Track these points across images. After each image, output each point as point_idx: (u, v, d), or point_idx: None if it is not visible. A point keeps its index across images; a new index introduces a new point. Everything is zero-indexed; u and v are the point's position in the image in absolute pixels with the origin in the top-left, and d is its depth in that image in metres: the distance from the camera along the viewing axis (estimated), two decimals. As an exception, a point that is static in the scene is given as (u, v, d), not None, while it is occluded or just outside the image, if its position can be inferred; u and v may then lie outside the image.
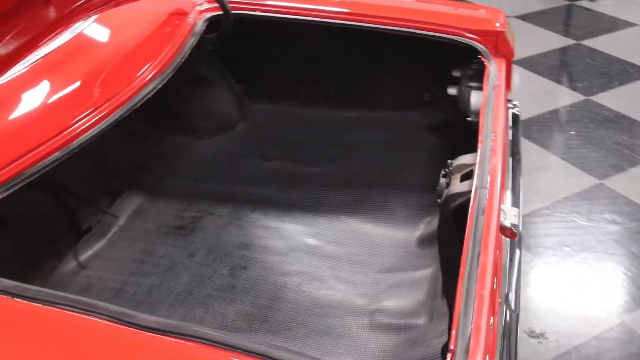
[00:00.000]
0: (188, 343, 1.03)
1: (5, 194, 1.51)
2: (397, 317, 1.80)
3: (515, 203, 1.78)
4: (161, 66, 2.03)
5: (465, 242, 1.29)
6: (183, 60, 2.07)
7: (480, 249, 1.28)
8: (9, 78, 1.87)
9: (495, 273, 1.33)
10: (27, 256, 2.01)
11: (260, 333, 1.80)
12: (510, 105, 2.30)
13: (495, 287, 1.26)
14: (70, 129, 1.73)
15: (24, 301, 1.15)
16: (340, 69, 2.62)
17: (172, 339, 1.03)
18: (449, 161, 1.65)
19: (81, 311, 1.10)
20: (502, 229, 1.46)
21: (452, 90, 2.30)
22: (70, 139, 1.71)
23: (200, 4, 2.29)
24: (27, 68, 1.90)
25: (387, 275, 1.97)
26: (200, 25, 2.21)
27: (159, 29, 2.19)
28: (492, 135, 1.67)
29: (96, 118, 1.78)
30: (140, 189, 2.40)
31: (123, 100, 1.89)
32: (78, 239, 2.15)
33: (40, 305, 1.13)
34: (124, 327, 1.06)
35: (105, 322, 1.07)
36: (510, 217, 1.51)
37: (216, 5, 2.24)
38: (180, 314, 1.87)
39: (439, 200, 1.63)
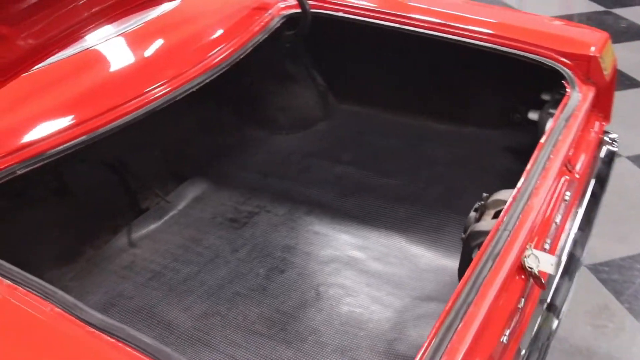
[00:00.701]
0: (119, 344, 1.02)
1: (75, 149, 1.64)
2: (414, 349, 1.68)
3: (575, 251, 1.59)
4: (228, 53, 2.05)
5: (458, 287, 1.17)
6: (247, 52, 2.09)
7: (474, 298, 1.15)
8: (94, 46, 1.99)
9: (498, 329, 1.19)
10: (85, 226, 2.11)
11: (274, 341, 1.77)
12: (607, 139, 2.07)
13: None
14: (132, 101, 1.82)
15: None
16: (426, 78, 2.49)
17: (106, 338, 1.03)
18: (485, 194, 1.50)
19: (40, 295, 1.12)
20: (529, 275, 1.30)
21: (533, 115, 2.11)
22: (131, 110, 1.79)
23: (283, 1, 2.28)
24: (106, 40, 2.02)
25: (421, 304, 1.85)
26: (276, 21, 2.20)
27: (236, 19, 2.20)
28: (543, 171, 1.50)
29: (160, 93, 1.87)
30: (208, 176, 2.44)
31: (187, 79, 1.95)
32: (135, 217, 2.23)
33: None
34: (69, 317, 1.07)
35: (55, 309, 1.08)
36: (544, 264, 1.35)
37: (296, 3, 2.22)
38: (204, 307, 1.88)
39: (462, 236, 1.49)
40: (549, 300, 1.45)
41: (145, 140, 2.28)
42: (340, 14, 2.26)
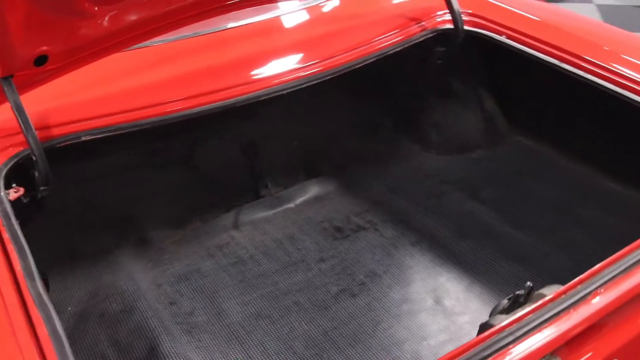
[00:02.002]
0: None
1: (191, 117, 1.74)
2: None
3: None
4: (358, 53, 1.98)
5: None
6: (383, 57, 2.00)
7: None
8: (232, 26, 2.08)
9: None
10: (202, 198, 2.23)
11: (299, 363, 1.68)
12: None
13: None
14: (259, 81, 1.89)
15: None
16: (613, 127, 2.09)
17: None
18: (529, 283, 1.22)
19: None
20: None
21: None
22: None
23: (440, 15, 2.09)
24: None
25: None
26: (424, 34, 2.04)
27: (385, 24, 2.10)
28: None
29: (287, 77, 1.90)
30: (337, 178, 2.39)
31: (316, 69, 1.94)
32: (249, 202, 2.28)
33: None
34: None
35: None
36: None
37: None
38: (261, 307, 1.87)
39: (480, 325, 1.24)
40: None
41: (286, 130, 2.32)
42: (503, 38, 2.01)
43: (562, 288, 1.16)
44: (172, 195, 2.17)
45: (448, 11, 2.05)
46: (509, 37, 2.01)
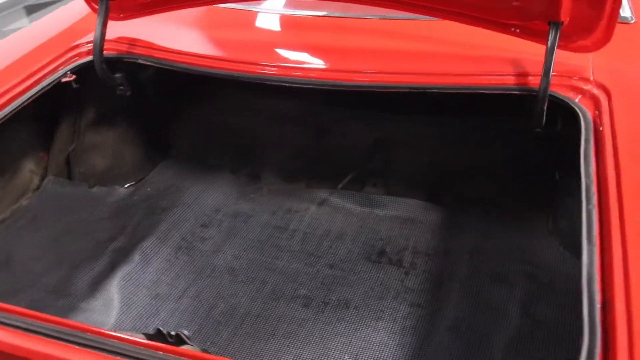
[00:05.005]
0: None
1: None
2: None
3: None
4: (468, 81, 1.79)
5: None
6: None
7: None
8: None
9: None
10: (311, 165, 2.40)
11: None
12: None
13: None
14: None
15: None
16: None
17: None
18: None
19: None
20: None
21: None
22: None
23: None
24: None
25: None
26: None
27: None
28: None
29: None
30: (447, 214, 2.20)
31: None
32: (352, 189, 2.33)
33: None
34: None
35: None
36: None
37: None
38: (252, 271, 2.02)
39: None
40: None
41: (424, 144, 2.25)
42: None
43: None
44: (291, 153, 2.40)
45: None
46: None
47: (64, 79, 1.96)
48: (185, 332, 1.18)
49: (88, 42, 2.04)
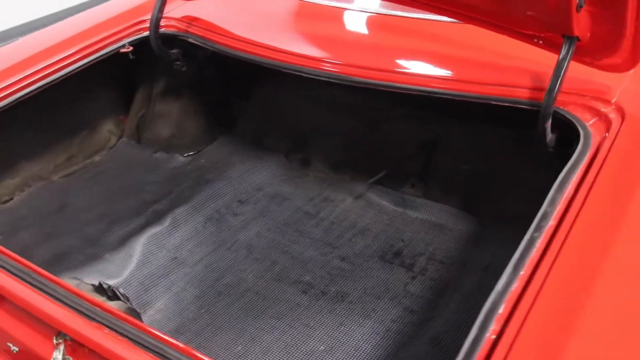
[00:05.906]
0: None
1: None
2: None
3: None
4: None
5: None
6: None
7: None
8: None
9: None
10: (358, 158, 2.42)
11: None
12: None
13: None
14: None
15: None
16: None
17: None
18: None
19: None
20: None
21: None
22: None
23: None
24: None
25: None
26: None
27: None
28: None
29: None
30: (482, 225, 2.11)
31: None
32: (388, 187, 2.32)
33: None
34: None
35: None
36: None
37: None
38: (262, 248, 2.11)
39: None
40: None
41: (468, 152, 2.19)
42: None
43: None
44: (342, 145, 2.43)
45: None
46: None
47: (122, 50, 2.14)
48: (122, 289, 1.27)
49: (154, 19, 2.21)
